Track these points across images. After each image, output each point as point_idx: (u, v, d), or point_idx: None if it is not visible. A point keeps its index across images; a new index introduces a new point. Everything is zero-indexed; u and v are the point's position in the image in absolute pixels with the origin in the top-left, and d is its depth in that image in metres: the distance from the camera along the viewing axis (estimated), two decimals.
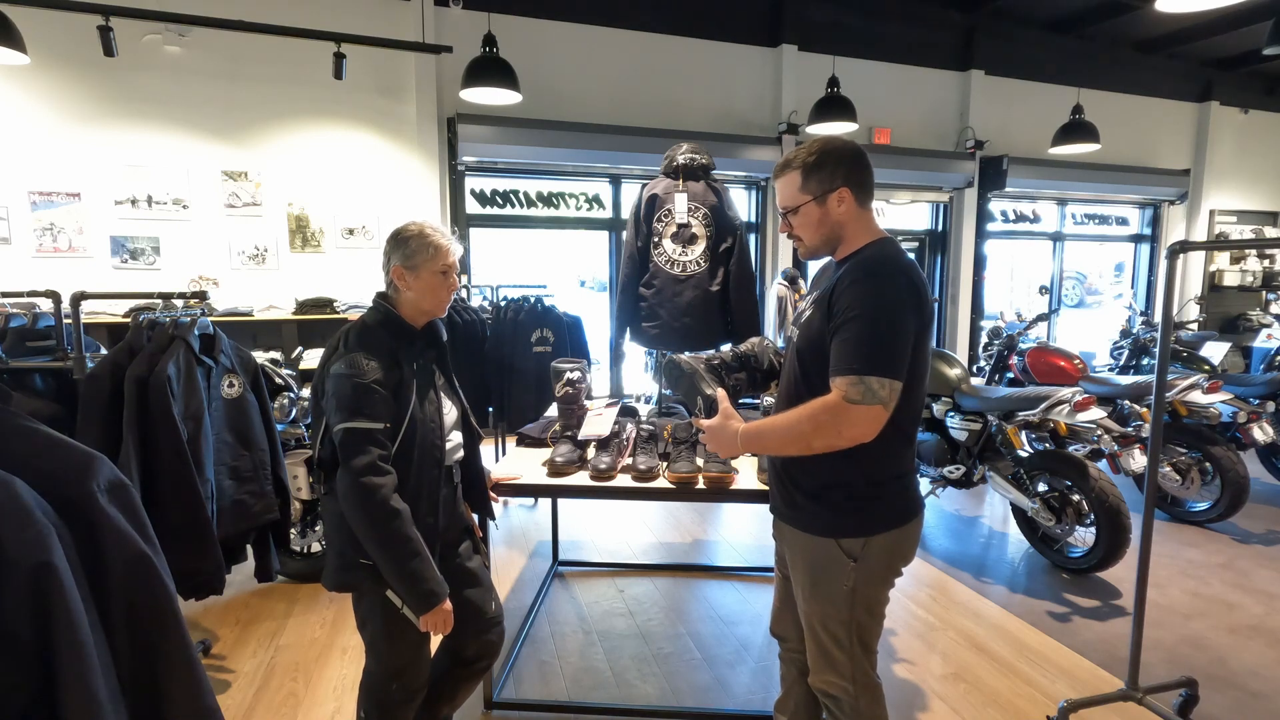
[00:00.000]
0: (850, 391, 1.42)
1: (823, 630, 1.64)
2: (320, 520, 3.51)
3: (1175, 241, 3.00)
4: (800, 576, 1.67)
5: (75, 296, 2.52)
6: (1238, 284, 8.36)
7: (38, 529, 0.88)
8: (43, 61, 4.40)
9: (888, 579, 1.64)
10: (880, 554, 1.58)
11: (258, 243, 5.00)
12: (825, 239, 1.60)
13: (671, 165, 3.05)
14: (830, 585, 1.60)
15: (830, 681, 1.67)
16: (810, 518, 1.61)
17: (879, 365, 1.42)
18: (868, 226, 1.59)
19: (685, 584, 3.48)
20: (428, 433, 1.72)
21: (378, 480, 1.57)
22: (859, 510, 1.57)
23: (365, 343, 1.67)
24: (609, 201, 6.24)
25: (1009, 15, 6.93)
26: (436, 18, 5.23)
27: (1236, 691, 2.56)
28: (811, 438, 1.47)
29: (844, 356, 1.44)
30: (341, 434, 1.59)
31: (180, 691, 1.04)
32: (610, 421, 2.42)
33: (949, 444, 3.91)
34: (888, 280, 1.46)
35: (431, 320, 1.82)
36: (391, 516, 1.58)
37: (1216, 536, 4.00)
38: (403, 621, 1.70)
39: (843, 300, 1.47)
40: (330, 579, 1.72)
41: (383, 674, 1.77)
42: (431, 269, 1.71)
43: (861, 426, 1.43)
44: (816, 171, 1.55)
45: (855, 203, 1.56)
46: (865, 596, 1.60)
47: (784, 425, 1.52)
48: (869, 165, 1.58)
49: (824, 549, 1.59)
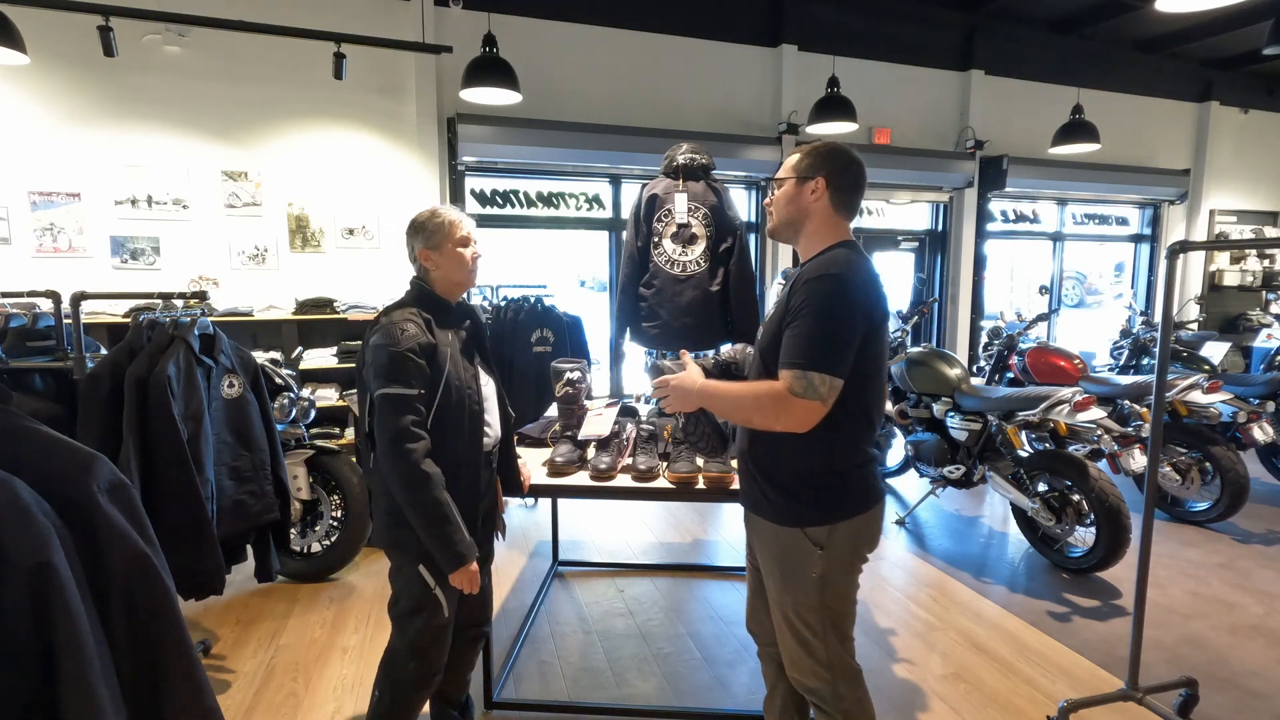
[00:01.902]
0: (795, 384, 1.52)
1: (798, 620, 1.69)
2: (319, 520, 3.51)
3: (1175, 241, 3.00)
4: (771, 568, 1.73)
5: (75, 296, 2.52)
6: (1238, 284, 8.35)
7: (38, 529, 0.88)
8: (43, 61, 4.40)
9: (854, 564, 1.70)
10: (846, 541, 1.65)
11: (258, 243, 5.00)
12: (789, 220, 1.70)
13: (671, 165, 3.05)
14: (800, 574, 1.66)
15: (807, 671, 1.71)
16: (777, 509, 1.68)
17: (823, 362, 1.51)
18: (835, 229, 1.67)
19: (685, 584, 3.48)
20: (465, 398, 1.82)
21: (410, 445, 1.68)
22: (823, 499, 1.64)
23: (401, 315, 1.77)
24: (609, 201, 6.23)
25: (1009, 15, 6.92)
26: (436, 18, 5.23)
27: (1236, 691, 2.56)
28: (752, 414, 1.60)
29: (792, 350, 1.54)
30: (379, 399, 1.69)
31: (180, 691, 1.04)
32: (610, 421, 2.42)
33: (949, 444, 3.91)
34: (842, 282, 1.54)
35: (465, 302, 1.95)
36: (423, 480, 1.68)
37: (1216, 536, 4.01)
38: (434, 603, 1.81)
39: (797, 297, 1.57)
40: (380, 536, 1.85)
41: (405, 651, 1.85)
42: (451, 243, 1.84)
43: (797, 417, 1.53)
44: (811, 157, 1.67)
45: (828, 199, 1.65)
46: (834, 583, 1.66)
47: (733, 395, 1.65)
48: (858, 177, 1.68)
49: (792, 539, 1.66)
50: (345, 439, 4.71)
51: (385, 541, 1.84)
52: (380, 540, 1.85)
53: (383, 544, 1.85)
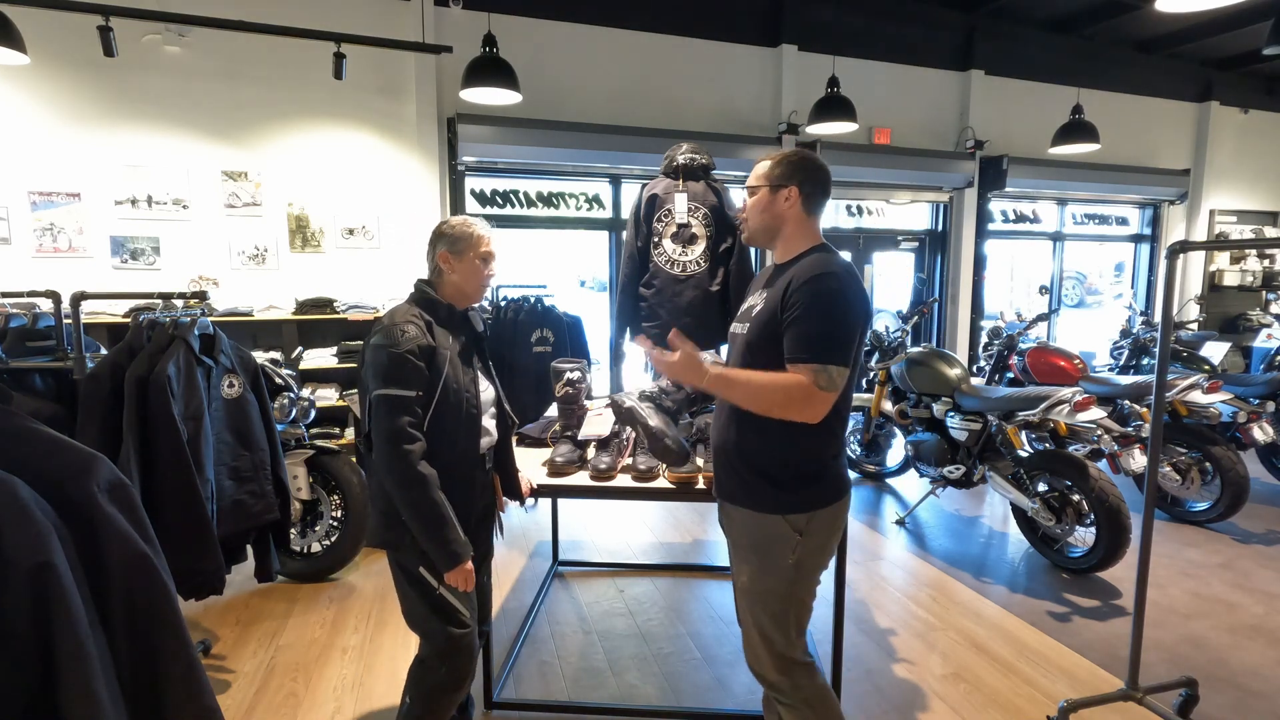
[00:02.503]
0: (819, 379, 1.59)
1: (763, 610, 1.75)
2: (319, 520, 3.51)
3: (1175, 241, 3.00)
4: (747, 555, 1.78)
5: (75, 296, 2.53)
6: (1238, 284, 8.35)
7: (38, 529, 0.88)
8: (43, 61, 4.40)
9: (826, 550, 1.79)
10: (822, 528, 1.74)
11: (258, 243, 5.00)
12: (764, 227, 1.79)
13: (671, 165, 3.05)
14: (776, 560, 1.72)
15: (767, 665, 1.78)
16: (760, 496, 1.74)
17: (836, 356, 1.61)
18: (809, 233, 1.78)
19: (685, 584, 3.48)
20: (464, 401, 1.83)
21: (406, 446, 1.69)
22: (804, 488, 1.72)
23: (403, 316, 1.78)
24: (609, 201, 6.23)
25: (1009, 15, 6.92)
26: (436, 18, 5.23)
27: (1236, 691, 2.56)
28: (774, 405, 1.64)
29: (806, 346, 1.61)
30: (375, 400, 1.70)
31: (180, 691, 1.04)
32: (610, 421, 2.42)
33: (949, 444, 3.91)
34: (841, 281, 1.65)
35: (469, 308, 1.95)
36: (419, 481, 1.70)
37: (1216, 536, 4.01)
38: (445, 605, 1.82)
39: (802, 292, 1.63)
40: (375, 535, 1.86)
41: (435, 658, 1.86)
42: (473, 254, 1.87)
43: (819, 408, 1.63)
44: (780, 167, 1.76)
45: (800, 205, 1.75)
46: (806, 569, 1.74)
47: (755, 384, 1.65)
48: (826, 183, 1.78)
49: (772, 525, 1.72)
50: (345, 439, 4.72)
51: (378, 540, 1.85)
52: (374, 539, 1.87)
53: (376, 542, 1.86)
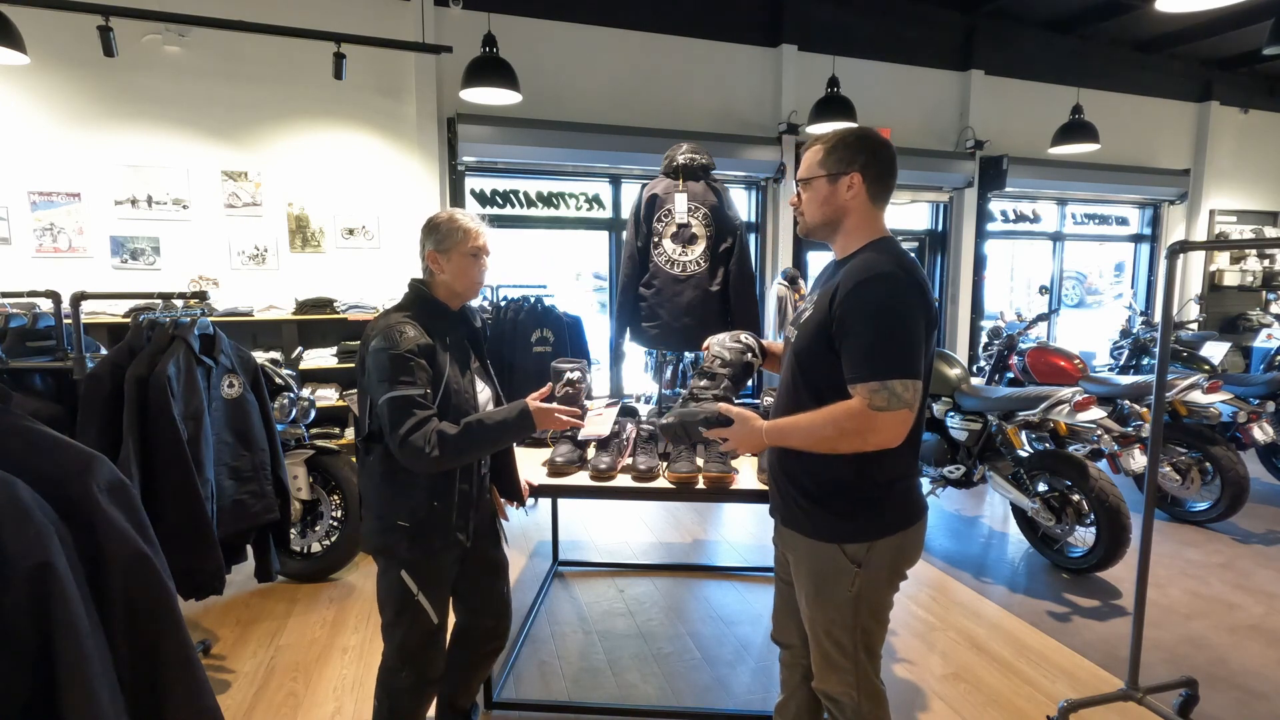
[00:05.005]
0: (874, 399, 1.39)
1: (826, 637, 1.61)
2: (319, 520, 3.51)
3: (1175, 241, 3.00)
4: (804, 583, 1.64)
5: (75, 296, 2.52)
6: (1238, 284, 8.35)
7: (38, 529, 0.88)
8: (43, 61, 4.40)
9: (893, 583, 1.60)
10: (884, 558, 1.55)
11: (258, 243, 5.00)
12: (826, 220, 1.58)
13: (671, 165, 3.05)
14: (835, 591, 1.56)
15: (834, 686, 1.65)
16: (813, 522, 1.58)
17: (898, 367, 1.39)
18: (873, 224, 1.56)
19: (685, 584, 3.48)
20: (462, 403, 1.80)
21: (428, 429, 1.64)
22: (863, 514, 1.54)
23: (398, 318, 1.75)
24: (609, 201, 6.23)
25: (1009, 15, 6.92)
26: (436, 18, 5.23)
27: (1236, 691, 2.56)
28: (836, 442, 1.46)
29: (861, 362, 1.42)
30: (386, 404, 1.65)
31: (180, 691, 1.04)
32: (610, 421, 2.41)
33: (949, 444, 3.90)
34: (894, 280, 1.43)
35: (465, 306, 1.91)
36: (455, 444, 1.66)
37: (1216, 536, 4.00)
38: (415, 608, 1.79)
39: (849, 302, 1.44)
40: (368, 541, 1.82)
41: (395, 659, 1.84)
42: (462, 251, 1.79)
43: (889, 432, 1.42)
44: (838, 151, 1.53)
45: (865, 194, 1.53)
46: (870, 602, 1.57)
47: (807, 426, 1.49)
48: (892, 165, 1.55)
49: (827, 554, 1.56)
50: (345, 439, 4.71)
51: (371, 546, 1.82)
52: (367, 545, 1.83)
53: (369, 548, 1.83)
